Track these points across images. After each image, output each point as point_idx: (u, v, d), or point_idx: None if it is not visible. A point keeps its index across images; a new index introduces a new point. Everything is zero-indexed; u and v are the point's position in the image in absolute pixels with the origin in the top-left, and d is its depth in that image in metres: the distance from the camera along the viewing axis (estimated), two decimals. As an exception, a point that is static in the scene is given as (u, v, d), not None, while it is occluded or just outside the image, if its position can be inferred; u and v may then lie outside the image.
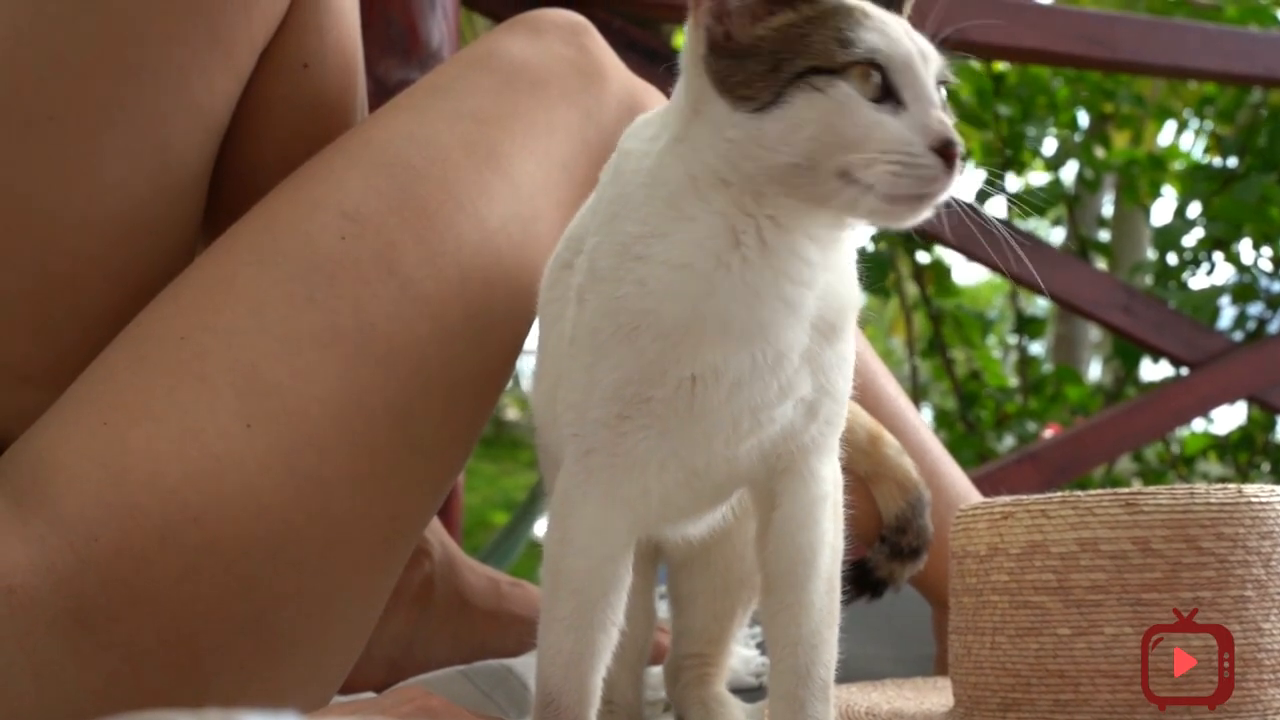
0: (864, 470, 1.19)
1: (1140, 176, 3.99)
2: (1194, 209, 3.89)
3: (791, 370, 0.83)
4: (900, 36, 0.81)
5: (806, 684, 0.88)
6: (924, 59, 0.81)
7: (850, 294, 0.86)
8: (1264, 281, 3.73)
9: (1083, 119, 4.17)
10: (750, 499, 0.93)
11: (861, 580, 1.20)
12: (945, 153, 0.78)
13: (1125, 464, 4.01)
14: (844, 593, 1.22)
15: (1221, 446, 3.90)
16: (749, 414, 0.83)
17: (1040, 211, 4.03)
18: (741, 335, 0.81)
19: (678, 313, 0.81)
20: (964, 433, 3.97)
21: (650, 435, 0.83)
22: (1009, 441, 4.01)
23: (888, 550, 1.20)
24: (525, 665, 1.23)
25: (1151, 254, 4.27)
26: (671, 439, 0.83)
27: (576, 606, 0.85)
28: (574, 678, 0.86)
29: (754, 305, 0.81)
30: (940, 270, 3.96)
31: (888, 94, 0.79)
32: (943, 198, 0.80)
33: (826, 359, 0.85)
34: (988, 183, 1.00)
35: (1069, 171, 4.10)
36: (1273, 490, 0.93)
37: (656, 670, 1.21)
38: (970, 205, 0.84)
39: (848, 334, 0.86)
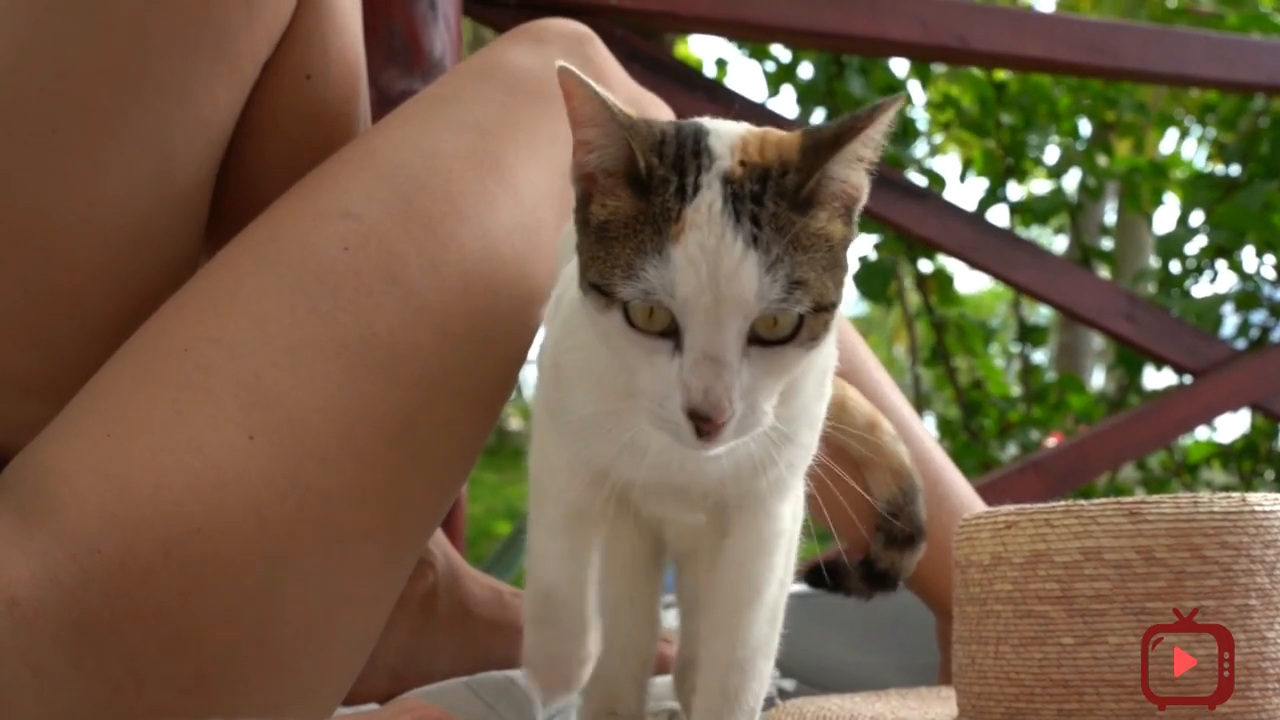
0: (858, 455, 1.19)
1: (1143, 184, 3.99)
2: (1197, 217, 3.89)
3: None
4: (689, 273, 0.72)
5: (734, 709, 0.89)
6: (722, 301, 0.72)
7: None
8: (1267, 289, 3.73)
9: (1085, 127, 4.17)
10: (706, 520, 0.93)
11: (869, 577, 1.20)
12: (697, 422, 0.73)
13: (1129, 472, 4.00)
14: (860, 594, 1.22)
15: (1225, 455, 3.90)
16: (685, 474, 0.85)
17: (1043, 220, 4.03)
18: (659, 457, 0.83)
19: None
20: (967, 442, 3.96)
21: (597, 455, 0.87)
22: (1012, 450, 4.01)
23: (883, 538, 1.20)
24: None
25: (1154, 262, 4.27)
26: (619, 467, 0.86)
27: (562, 514, 0.89)
28: (569, 569, 0.89)
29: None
30: (943, 279, 3.96)
31: (676, 331, 0.74)
32: (714, 450, 0.76)
33: (784, 415, 0.81)
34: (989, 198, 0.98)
35: (1071, 180, 4.10)
36: (1277, 499, 0.93)
37: (661, 680, 1.21)
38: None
39: (803, 386, 0.85)
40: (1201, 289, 3.88)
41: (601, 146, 0.76)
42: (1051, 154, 3.96)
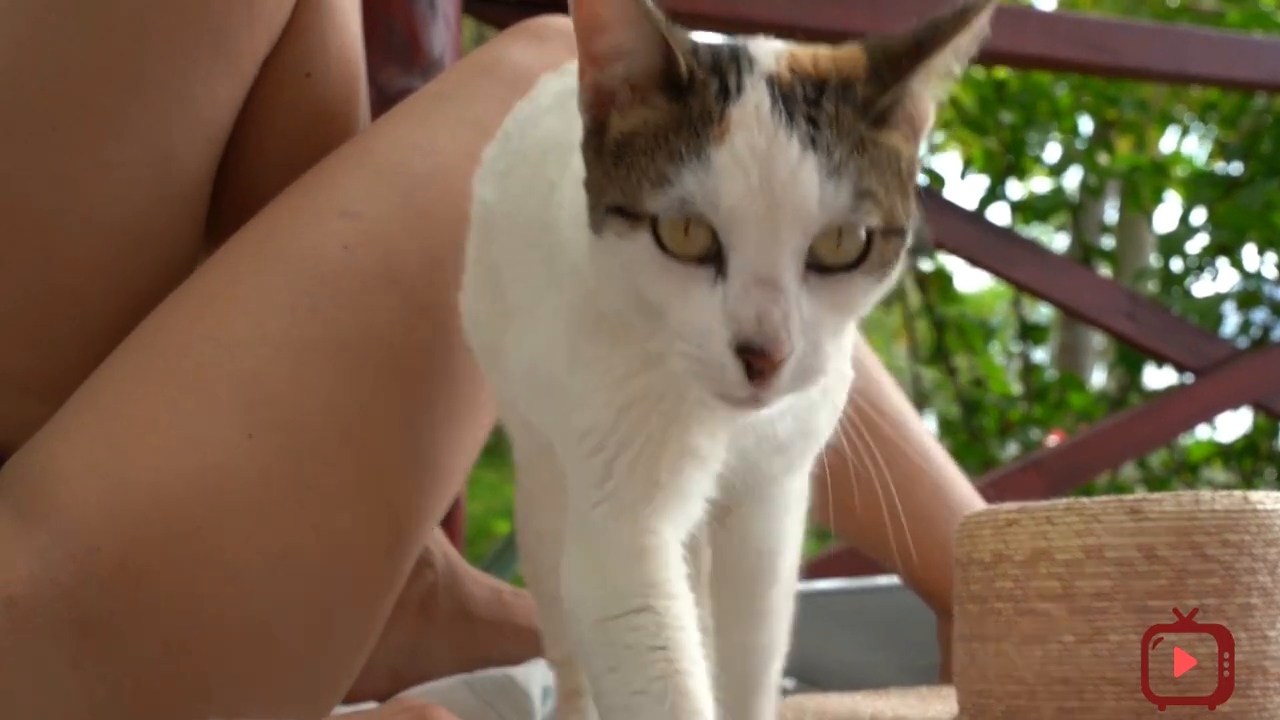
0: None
1: (1144, 183, 3.99)
2: (1198, 215, 3.89)
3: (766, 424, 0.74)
4: (737, 177, 0.61)
5: (761, 692, 0.85)
6: (777, 210, 0.61)
7: None
8: (1268, 288, 3.73)
9: (1086, 125, 4.17)
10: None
11: None
12: (749, 360, 0.61)
13: (1129, 471, 4.00)
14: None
15: (1226, 453, 3.90)
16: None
17: (1043, 218, 4.03)
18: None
19: None
20: (967, 440, 3.96)
21: None
22: (1013, 449, 4.01)
23: None
24: (528, 674, 1.23)
25: (1155, 260, 4.27)
26: None
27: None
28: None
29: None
30: (943, 277, 3.96)
31: (717, 254, 0.63)
32: (768, 408, 0.65)
33: (808, 401, 0.74)
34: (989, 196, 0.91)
35: (1072, 178, 4.10)
36: (1279, 497, 0.93)
37: None
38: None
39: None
40: (1203, 287, 3.88)
41: (630, 51, 0.66)
42: (1052, 152, 3.96)
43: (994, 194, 3.84)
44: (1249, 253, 3.80)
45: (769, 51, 0.67)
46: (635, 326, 0.69)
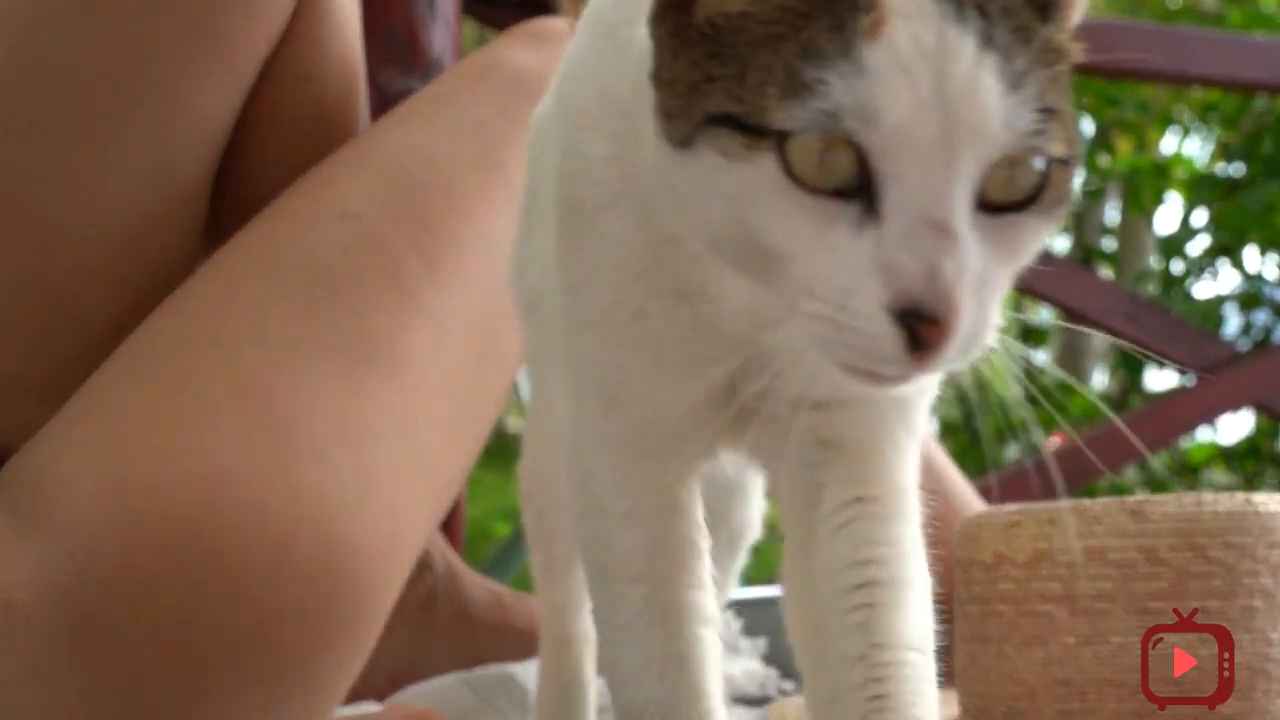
0: None
1: (1145, 184, 3.99)
2: (1199, 216, 3.89)
3: None
4: (902, 85, 0.47)
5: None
6: (954, 130, 0.48)
7: None
8: (1269, 289, 3.73)
9: (1086, 126, 4.17)
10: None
11: None
12: (911, 325, 0.48)
13: (1130, 473, 4.00)
14: None
15: (1227, 455, 3.90)
16: None
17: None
18: None
19: None
20: (969, 442, 3.96)
21: None
22: (1012, 451, 4.00)
23: None
24: (527, 671, 1.23)
25: (1156, 262, 4.27)
26: None
27: (646, 595, 0.65)
28: (681, 690, 0.63)
29: None
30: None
31: (864, 187, 0.49)
32: (913, 383, 0.53)
33: None
34: None
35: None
36: (1280, 499, 0.93)
37: None
38: None
39: None
40: (1204, 289, 3.89)
41: None
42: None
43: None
44: (1250, 254, 3.80)
45: None
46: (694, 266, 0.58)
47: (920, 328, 0.48)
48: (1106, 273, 4.29)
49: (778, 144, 0.49)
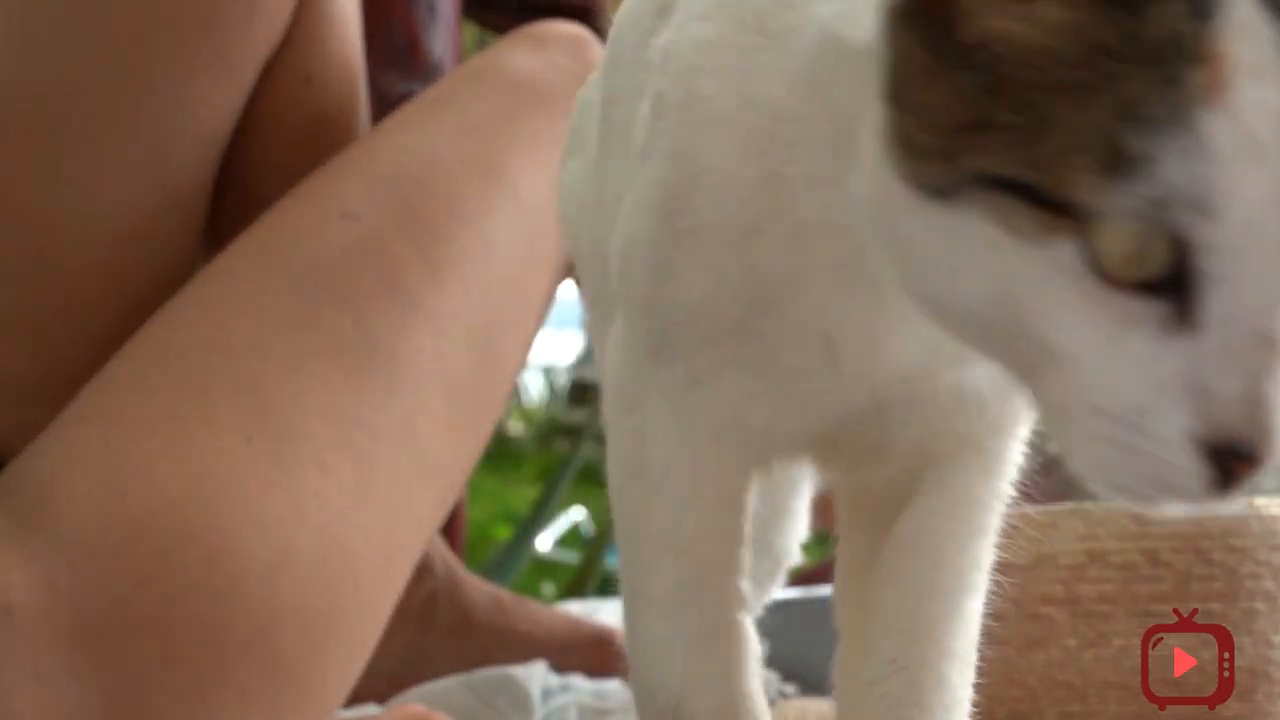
0: None
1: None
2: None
3: None
4: (1252, 166, 0.38)
5: None
6: None
7: None
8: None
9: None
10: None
11: None
12: (1222, 461, 0.40)
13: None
14: None
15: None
16: None
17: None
18: None
19: None
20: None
21: None
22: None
23: None
24: (528, 673, 1.23)
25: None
26: None
27: (685, 571, 0.59)
28: (707, 672, 0.59)
29: None
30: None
31: (1177, 287, 0.40)
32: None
33: None
34: None
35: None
36: (1282, 502, 0.93)
37: None
38: None
39: None
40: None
41: None
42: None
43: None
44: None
45: None
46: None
47: (1230, 465, 0.40)
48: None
49: (1081, 226, 0.40)
